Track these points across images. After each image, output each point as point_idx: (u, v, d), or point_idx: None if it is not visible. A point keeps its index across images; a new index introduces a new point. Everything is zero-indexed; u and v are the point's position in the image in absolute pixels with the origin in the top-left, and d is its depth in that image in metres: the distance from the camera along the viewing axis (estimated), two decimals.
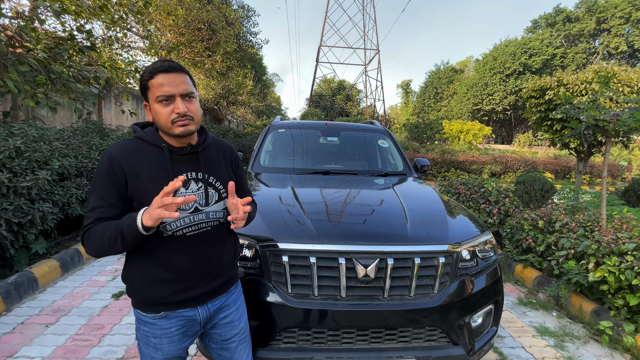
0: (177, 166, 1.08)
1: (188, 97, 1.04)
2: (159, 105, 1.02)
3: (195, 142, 1.13)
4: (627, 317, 2.53)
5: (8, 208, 2.70)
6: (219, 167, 1.18)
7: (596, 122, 3.04)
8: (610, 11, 30.72)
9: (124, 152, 1.06)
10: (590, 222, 3.29)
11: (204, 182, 1.12)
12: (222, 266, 1.20)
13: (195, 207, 1.10)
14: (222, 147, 1.25)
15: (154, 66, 1.01)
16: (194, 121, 1.05)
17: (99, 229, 0.99)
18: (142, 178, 1.04)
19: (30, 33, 3.63)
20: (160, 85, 1.00)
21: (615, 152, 16.33)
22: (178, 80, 1.02)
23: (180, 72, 1.03)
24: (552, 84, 6.70)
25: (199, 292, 1.14)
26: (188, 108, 1.03)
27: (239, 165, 1.29)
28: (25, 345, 2.19)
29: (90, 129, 4.77)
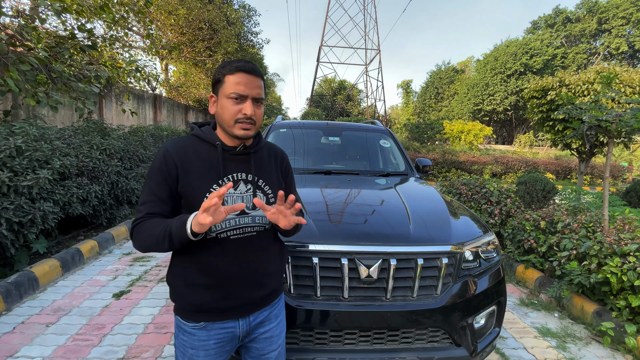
0: (228, 165, 1.07)
1: (258, 102, 1.04)
2: (229, 101, 1.02)
3: (249, 144, 1.12)
4: (629, 318, 2.52)
5: (9, 207, 2.70)
6: (269, 171, 1.16)
7: (599, 123, 3.03)
8: (612, 11, 30.68)
9: (179, 148, 1.07)
10: (592, 223, 3.28)
11: (253, 185, 1.09)
12: (266, 276, 1.13)
13: (242, 210, 1.07)
14: (273, 151, 1.22)
15: (237, 64, 1.02)
16: (255, 126, 1.06)
17: (148, 226, 0.99)
18: (192, 174, 1.04)
19: (31, 32, 3.63)
20: (237, 83, 1.01)
21: (616, 152, 16.31)
22: (255, 84, 1.02)
23: (259, 76, 1.04)
24: (554, 85, 6.68)
25: (241, 301, 1.09)
26: (254, 112, 1.03)
27: (289, 171, 1.25)
28: (26, 345, 2.18)
29: (91, 128, 4.76)
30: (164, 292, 3.00)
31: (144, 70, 7.30)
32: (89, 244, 3.68)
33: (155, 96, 10.03)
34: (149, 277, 3.29)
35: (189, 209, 1.02)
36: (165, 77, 13.29)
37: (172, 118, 11.25)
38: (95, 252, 3.75)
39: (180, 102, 12.35)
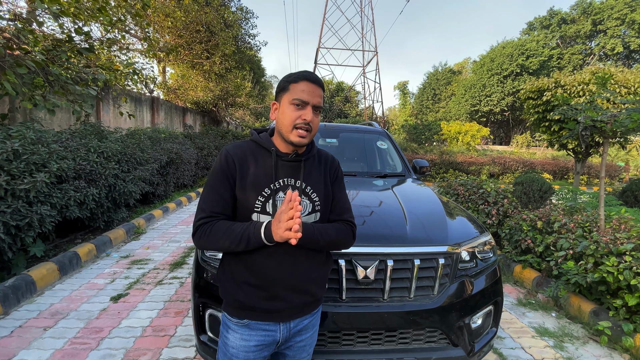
0: (280, 170, 1.12)
1: (317, 110, 1.09)
2: (291, 107, 1.07)
3: (301, 152, 1.16)
4: (626, 317, 2.53)
5: (6, 211, 2.69)
6: (318, 178, 1.17)
7: (594, 123, 3.06)
8: (607, 12, 30.93)
9: (238, 151, 1.13)
10: (589, 223, 3.30)
11: (300, 191, 1.12)
12: (310, 283, 1.14)
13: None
14: (324, 158, 1.24)
15: (302, 73, 1.08)
16: (310, 134, 1.09)
17: (222, 228, 1.05)
18: (248, 178, 1.10)
19: (28, 35, 3.62)
20: (301, 90, 1.06)
21: (612, 152, 16.41)
22: (317, 93, 1.08)
23: (321, 87, 1.09)
24: (549, 85, 6.73)
25: (284, 305, 1.11)
26: (313, 119, 1.07)
27: (339, 176, 1.24)
28: (24, 349, 2.17)
29: (89, 131, 4.76)
30: (162, 295, 2.99)
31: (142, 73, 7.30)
32: (86, 247, 3.67)
33: (153, 99, 10.02)
34: (147, 280, 3.28)
35: (240, 210, 1.10)
36: (162, 80, 13.29)
37: (169, 120, 11.24)
38: (92, 255, 3.74)
39: (178, 105, 12.34)
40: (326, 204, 1.17)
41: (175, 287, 3.16)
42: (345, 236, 1.17)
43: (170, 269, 3.56)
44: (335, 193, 1.21)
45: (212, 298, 1.62)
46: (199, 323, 1.68)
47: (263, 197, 1.09)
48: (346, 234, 1.17)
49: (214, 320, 1.64)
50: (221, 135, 12.12)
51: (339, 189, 1.23)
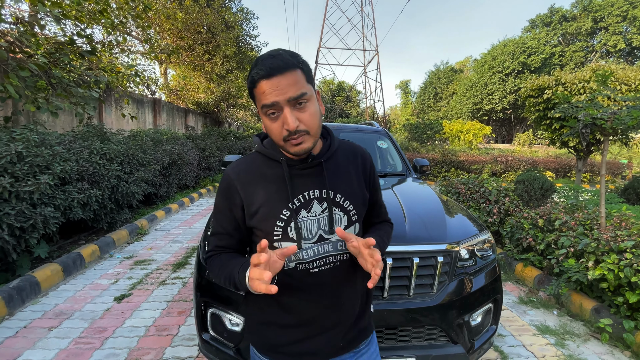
0: (297, 183, 0.88)
1: (298, 102, 0.78)
2: (266, 118, 0.81)
3: (318, 151, 0.90)
4: (627, 314, 2.53)
5: (10, 213, 2.72)
6: (349, 180, 0.92)
7: (594, 121, 3.06)
8: (607, 9, 30.78)
9: (241, 173, 0.91)
10: (590, 221, 3.30)
11: (328, 202, 0.87)
12: (353, 315, 0.94)
13: (320, 235, 0.87)
14: (352, 153, 0.97)
15: (255, 70, 0.79)
16: (310, 134, 0.81)
17: (217, 264, 0.89)
18: (258, 203, 0.87)
19: (31, 38, 3.66)
20: (263, 93, 0.78)
21: (615, 150, 16.33)
22: (284, 82, 0.76)
23: (286, 70, 0.77)
24: (550, 83, 6.72)
25: (321, 345, 0.90)
26: (299, 118, 0.79)
27: (373, 175, 0.99)
28: (28, 349, 2.20)
29: (91, 133, 4.79)
30: (165, 295, 3.02)
31: (143, 75, 7.34)
32: (90, 248, 3.70)
33: (155, 100, 10.07)
34: (150, 280, 3.31)
35: (261, 237, 0.88)
36: (164, 81, 13.35)
37: (171, 122, 11.29)
38: (96, 256, 3.77)
39: (180, 106, 12.39)
40: (363, 210, 0.93)
41: (178, 287, 3.18)
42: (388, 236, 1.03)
43: (173, 269, 3.59)
44: (374, 192, 0.99)
45: (213, 297, 1.64)
46: (201, 322, 1.70)
47: (282, 221, 0.86)
48: (390, 233, 1.05)
49: (215, 318, 1.66)
50: (223, 136, 12.16)
51: (376, 190, 1.00)
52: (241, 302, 1.07)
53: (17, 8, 4.62)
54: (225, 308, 1.61)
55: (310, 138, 0.82)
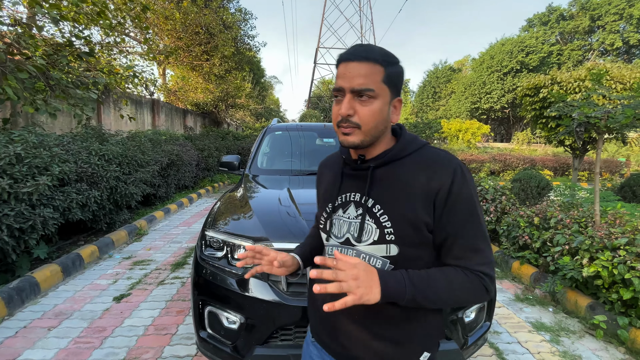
0: (346, 183, 0.88)
1: (362, 96, 0.76)
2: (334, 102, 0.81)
3: (374, 155, 0.84)
4: (622, 311, 2.56)
5: (9, 214, 2.74)
6: (400, 196, 0.79)
7: (588, 120, 3.09)
8: (604, 8, 30.86)
9: (323, 164, 1.01)
10: (585, 218, 3.33)
11: (364, 209, 0.82)
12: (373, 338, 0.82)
13: (347, 239, 0.84)
14: (427, 168, 0.79)
15: (343, 52, 0.80)
16: (362, 130, 0.77)
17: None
18: (320, 193, 0.96)
19: (29, 40, 3.68)
20: (337, 75, 0.79)
21: (613, 148, 16.38)
22: (355, 71, 0.75)
23: (364, 61, 0.75)
24: (546, 82, 6.75)
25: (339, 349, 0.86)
26: (357, 110, 0.76)
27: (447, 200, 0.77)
28: (28, 349, 2.22)
29: (90, 134, 4.81)
30: (164, 294, 3.04)
31: (142, 76, 7.36)
32: (89, 249, 3.72)
33: (154, 101, 10.08)
34: (149, 280, 3.33)
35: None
36: (163, 82, 13.36)
37: (170, 122, 11.30)
38: (95, 256, 3.79)
39: (179, 107, 12.40)
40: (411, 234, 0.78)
41: (177, 286, 3.20)
42: (466, 292, 0.76)
43: (171, 269, 3.61)
44: (448, 222, 0.77)
45: (211, 295, 1.67)
46: (198, 320, 1.72)
47: (326, 213, 0.89)
48: (467, 289, 0.76)
49: (213, 317, 1.68)
50: (222, 137, 12.18)
51: (455, 217, 0.77)
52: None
53: (14, 10, 4.64)
54: (222, 306, 1.63)
55: (360, 134, 0.78)
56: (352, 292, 0.64)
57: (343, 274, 0.65)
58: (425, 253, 0.80)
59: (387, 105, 0.79)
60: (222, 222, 1.90)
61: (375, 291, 0.67)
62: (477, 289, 0.76)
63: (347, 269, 0.65)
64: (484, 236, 0.78)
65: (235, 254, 1.71)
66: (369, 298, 0.66)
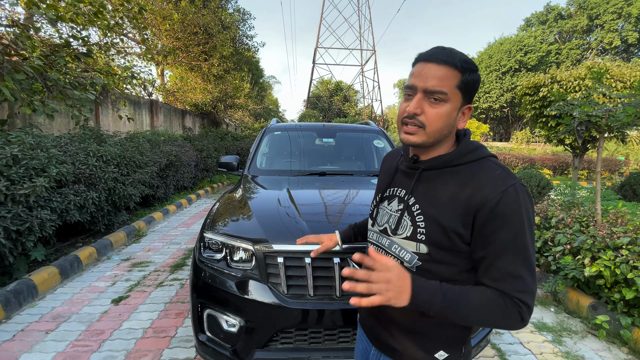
0: (397, 178, 0.95)
1: (433, 97, 0.77)
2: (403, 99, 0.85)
3: (428, 157, 0.86)
4: (624, 310, 2.54)
5: (6, 216, 2.71)
6: (440, 202, 0.81)
7: (589, 118, 3.07)
8: (603, 7, 30.92)
9: (387, 156, 1.10)
10: (586, 217, 3.32)
11: (405, 205, 0.86)
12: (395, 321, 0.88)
13: (385, 229, 0.90)
14: (477, 181, 0.78)
15: (424, 52, 0.83)
16: (425, 131, 0.79)
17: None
18: (378, 182, 1.06)
19: (26, 41, 3.65)
20: (412, 75, 0.81)
21: (612, 147, 16.40)
22: (430, 73, 0.77)
23: (442, 63, 0.77)
24: (545, 81, 6.74)
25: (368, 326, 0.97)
26: (424, 111, 0.78)
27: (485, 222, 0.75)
28: (26, 352, 2.19)
29: (88, 135, 4.78)
30: (163, 297, 3.01)
31: (140, 77, 7.33)
32: (87, 251, 3.69)
33: (152, 102, 10.04)
34: (147, 282, 3.31)
35: None
36: (161, 83, 13.32)
37: (169, 123, 11.27)
38: (93, 258, 3.76)
39: (177, 107, 12.36)
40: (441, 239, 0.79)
41: (176, 288, 3.18)
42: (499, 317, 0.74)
43: (170, 270, 3.59)
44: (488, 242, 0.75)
45: (210, 298, 1.65)
46: (197, 323, 1.70)
47: (375, 202, 0.98)
48: (501, 314, 0.73)
49: (212, 320, 1.66)
50: (220, 137, 12.14)
51: (495, 238, 0.74)
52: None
53: (12, 11, 4.61)
54: (222, 309, 1.61)
55: (424, 135, 0.80)
56: (381, 294, 0.67)
57: (376, 276, 0.68)
58: (457, 260, 0.80)
59: (456, 111, 0.81)
60: (221, 223, 1.88)
61: (404, 297, 0.69)
62: (511, 316, 0.74)
63: (382, 271, 0.68)
64: (528, 264, 0.75)
65: (234, 256, 1.69)
66: (396, 302, 0.69)
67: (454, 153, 0.84)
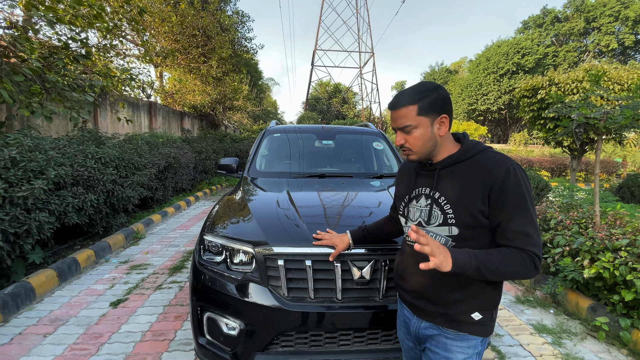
0: (418, 180, 1.17)
1: (404, 130, 1.07)
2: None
3: (440, 159, 1.11)
4: (623, 312, 2.55)
5: (4, 218, 2.70)
6: (462, 190, 1.04)
7: (587, 120, 3.09)
8: (599, 10, 31.14)
9: (402, 167, 1.31)
10: (585, 219, 3.32)
11: (432, 200, 1.10)
12: (434, 292, 1.11)
13: (419, 222, 1.13)
14: (481, 167, 1.04)
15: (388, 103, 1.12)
16: (414, 151, 1.09)
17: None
18: (398, 187, 1.30)
19: (25, 43, 3.64)
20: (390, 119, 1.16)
21: (609, 149, 16.48)
22: (395, 117, 1.08)
23: (400, 107, 1.06)
24: (544, 83, 6.78)
25: (409, 299, 1.19)
26: (406, 140, 1.08)
27: (498, 193, 0.99)
28: (23, 356, 2.18)
29: (86, 137, 4.76)
30: (162, 299, 3.00)
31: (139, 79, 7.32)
32: (85, 253, 3.67)
33: (151, 104, 10.03)
34: (146, 284, 3.29)
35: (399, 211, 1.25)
36: (160, 85, 13.31)
37: (167, 125, 11.25)
38: (91, 261, 3.75)
39: (176, 109, 12.34)
40: (468, 219, 1.02)
41: (175, 291, 3.16)
42: (519, 267, 0.97)
43: (169, 273, 3.57)
44: (501, 211, 1.00)
45: (210, 301, 1.64)
46: (197, 326, 1.69)
47: (404, 202, 1.21)
48: (519, 264, 0.97)
49: (212, 323, 1.65)
50: (219, 139, 12.13)
51: (506, 206, 0.99)
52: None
53: (10, 12, 4.60)
54: (222, 312, 1.60)
55: (415, 154, 1.10)
56: (435, 256, 0.89)
57: (432, 242, 0.91)
58: (481, 234, 1.04)
59: (429, 128, 1.06)
60: (221, 226, 1.87)
61: (449, 262, 0.92)
62: (527, 265, 0.97)
63: (433, 241, 0.93)
64: (532, 224, 1.00)
65: (234, 259, 1.68)
66: (444, 265, 0.91)
67: (460, 151, 1.09)
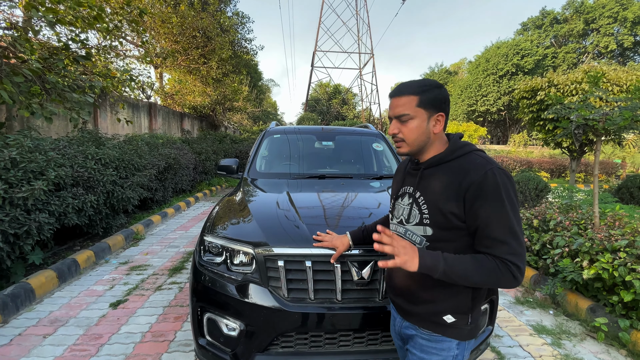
0: (406, 179, 1.19)
1: (401, 119, 1.05)
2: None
3: (426, 159, 1.10)
4: (623, 313, 2.55)
5: (4, 219, 2.70)
6: (439, 191, 1.03)
7: (586, 122, 3.10)
8: (598, 11, 31.22)
9: (399, 166, 1.31)
10: (584, 220, 3.33)
11: (412, 199, 1.10)
12: (413, 295, 1.11)
13: (401, 220, 1.15)
14: (462, 169, 1.01)
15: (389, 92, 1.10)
16: (406, 142, 1.07)
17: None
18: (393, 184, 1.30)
19: (25, 44, 3.64)
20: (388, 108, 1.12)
21: (609, 150, 16.50)
22: (395, 104, 1.07)
23: (400, 95, 1.05)
24: (543, 85, 6.79)
25: (392, 297, 1.21)
26: (400, 130, 1.06)
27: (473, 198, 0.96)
28: (23, 357, 2.17)
29: (86, 138, 4.76)
30: (161, 300, 3.00)
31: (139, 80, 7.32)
32: (85, 254, 3.67)
33: (150, 104, 10.03)
34: (146, 285, 3.29)
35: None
36: (160, 85, 13.31)
37: (167, 126, 11.25)
38: (91, 262, 3.74)
39: (176, 110, 12.35)
40: (441, 220, 1.01)
41: (175, 292, 3.16)
42: (493, 276, 0.93)
43: (169, 274, 3.57)
44: (477, 216, 0.95)
45: (210, 302, 1.64)
46: (197, 327, 1.69)
47: (393, 200, 1.22)
48: (494, 273, 0.93)
49: (212, 324, 1.65)
50: (219, 140, 12.13)
51: (482, 211, 0.95)
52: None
53: (10, 13, 4.61)
54: (222, 313, 1.60)
55: (406, 146, 1.08)
56: (399, 256, 0.91)
57: (396, 241, 0.93)
58: (458, 237, 1.01)
59: (425, 122, 1.05)
60: (221, 227, 1.87)
61: (415, 261, 0.92)
62: (504, 274, 0.93)
63: (398, 241, 0.94)
64: (511, 231, 0.94)
65: (234, 260, 1.68)
66: (409, 265, 0.92)
67: (446, 152, 1.08)
